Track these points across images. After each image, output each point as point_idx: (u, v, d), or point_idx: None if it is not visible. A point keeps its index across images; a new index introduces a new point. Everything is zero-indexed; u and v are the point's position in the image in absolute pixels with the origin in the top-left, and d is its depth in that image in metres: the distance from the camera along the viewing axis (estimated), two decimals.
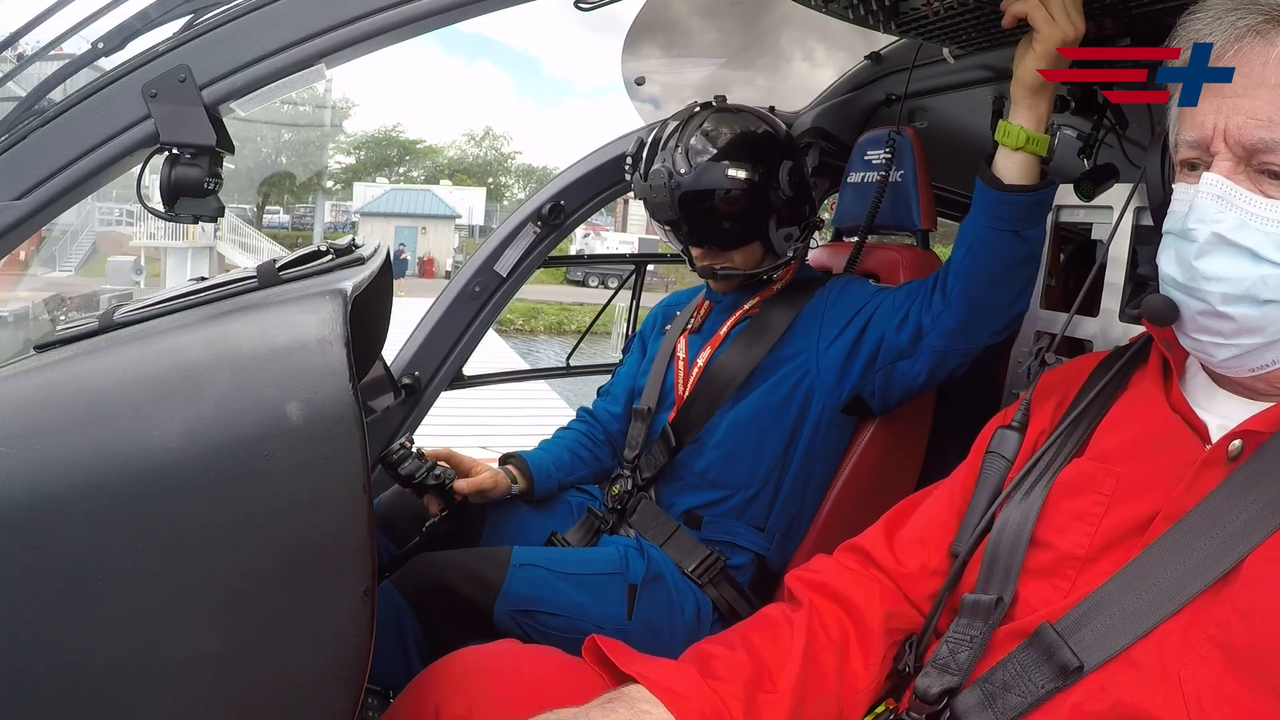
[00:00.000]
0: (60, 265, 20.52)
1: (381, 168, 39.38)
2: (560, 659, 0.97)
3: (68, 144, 0.82)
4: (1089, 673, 0.73)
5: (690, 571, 1.46)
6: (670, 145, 1.48)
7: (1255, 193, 0.72)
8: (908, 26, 1.34)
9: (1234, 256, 0.72)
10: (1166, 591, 0.72)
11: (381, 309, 1.34)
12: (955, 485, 0.99)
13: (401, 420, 1.90)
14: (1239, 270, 0.71)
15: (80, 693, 0.69)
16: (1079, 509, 0.82)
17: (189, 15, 0.85)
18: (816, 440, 1.50)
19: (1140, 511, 0.78)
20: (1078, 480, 0.83)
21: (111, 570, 0.69)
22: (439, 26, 0.89)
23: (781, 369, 1.50)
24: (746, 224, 1.50)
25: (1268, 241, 0.71)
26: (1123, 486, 0.80)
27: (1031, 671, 0.75)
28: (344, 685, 0.73)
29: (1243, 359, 0.75)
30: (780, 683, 0.83)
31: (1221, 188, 0.72)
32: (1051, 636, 0.75)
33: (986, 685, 0.78)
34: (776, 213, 1.51)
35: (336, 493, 0.71)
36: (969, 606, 0.85)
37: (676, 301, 1.83)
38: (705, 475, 1.52)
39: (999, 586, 0.83)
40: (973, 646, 0.82)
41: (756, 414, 1.49)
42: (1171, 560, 0.72)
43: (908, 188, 1.67)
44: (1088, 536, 0.80)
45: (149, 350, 0.74)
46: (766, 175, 1.48)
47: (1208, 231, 0.72)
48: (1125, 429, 0.84)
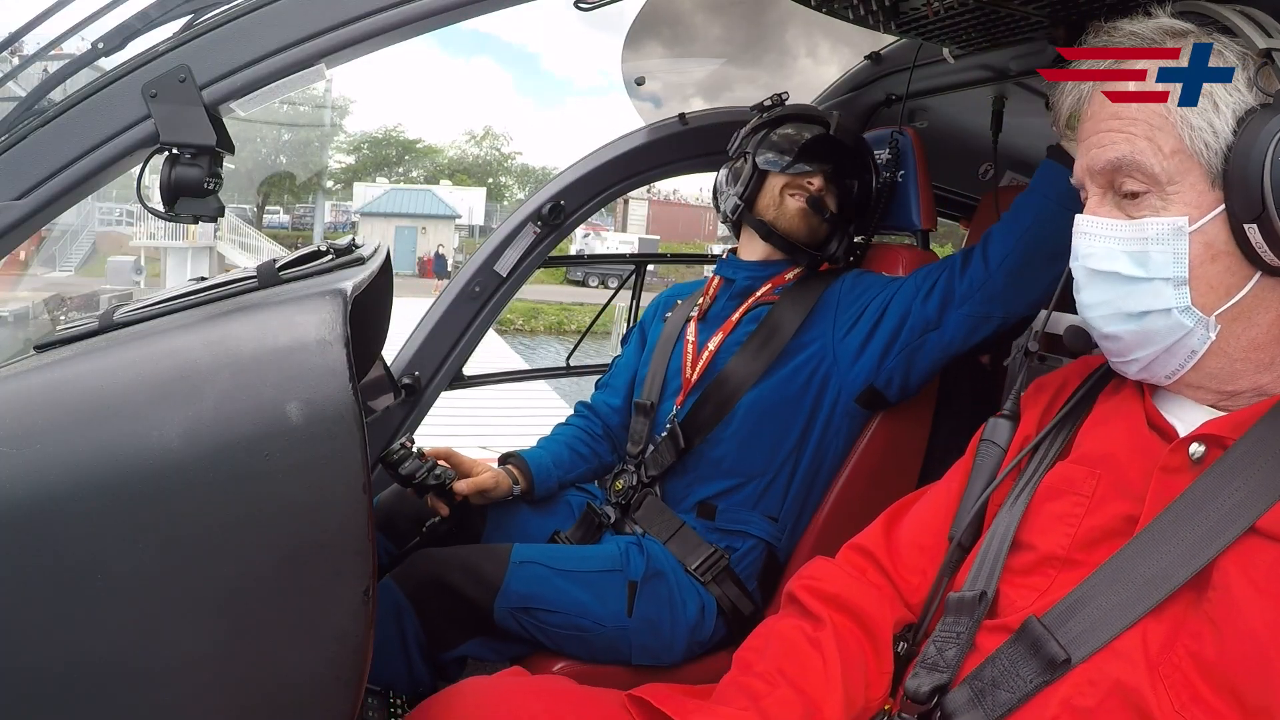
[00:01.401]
0: (60, 265, 20.50)
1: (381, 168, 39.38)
2: (571, 690, 0.95)
3: (68, 144, 0.82)
4: (1076, 665, 0.73)
5: (694, 569, 1.46)
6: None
7: (1121, 218, 0.77)
8: (908, 26, 1.34)
9: (1104, 283, 0.78)
10: (1148, 585, 0.72)
11: (381, 309, 1.34)
12: (952, 482, 1.00)
13: (401, 420, 1.90)
14: (1108, 294, 0.78)
15: (80, 693, 0.69)
16: (1061, 510, 0.83)
17: (189, 15, 0.85)
18: (830, 429, 1.52)
19: (1117, 513, 0.79)
20: (1060, 483, 0.85)
21: (111, 570, 0.68)
22: (439, 26, 0.89)
23: (797, 357, 1.52)
24: (860, 201, 1.65)
25: (1129, 260, 0.76)
26: (1102, 488, 0.82)
27: (1020, 666, 0.76)
28: (344, 685, 0.73)
29: (1152, 368, 0.79)
30: (828, 711, 0.84)
31: (1087, 224, 0.80)
32: (1038, 630, 0.76)
33: (975, 682, 0.79)
34: (855, 209, 1.65)
35: (336, 493, 0.71)
36: (954, 604, 0.86)
37: (679, 292, 1.84)
38: (720, 464, 1.52)
39: (984, 584, 0.85)
40: (959, 643, 0.82)
41: (774, 402, 1.51)
42: (1149, 556, 0.73)
43: (908, 188, 1.67)
44: (1068, 537, 0.81)
45: (149, 350, 0.74)
46: (870, 180, 1.67)
47: (1081, 267, 0.80)
48: (1105, 432, 0.86)
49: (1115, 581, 0.74)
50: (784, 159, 1.61)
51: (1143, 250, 0.75)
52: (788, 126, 1.64)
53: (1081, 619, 0.74)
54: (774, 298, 1.60)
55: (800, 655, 0.89)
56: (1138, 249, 0.75)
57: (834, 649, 0.88)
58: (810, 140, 1.61)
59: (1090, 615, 0.74)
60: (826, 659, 0.88)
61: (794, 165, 1.61)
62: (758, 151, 1.62)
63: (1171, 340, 0.76)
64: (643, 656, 1.40)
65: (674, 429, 1.54)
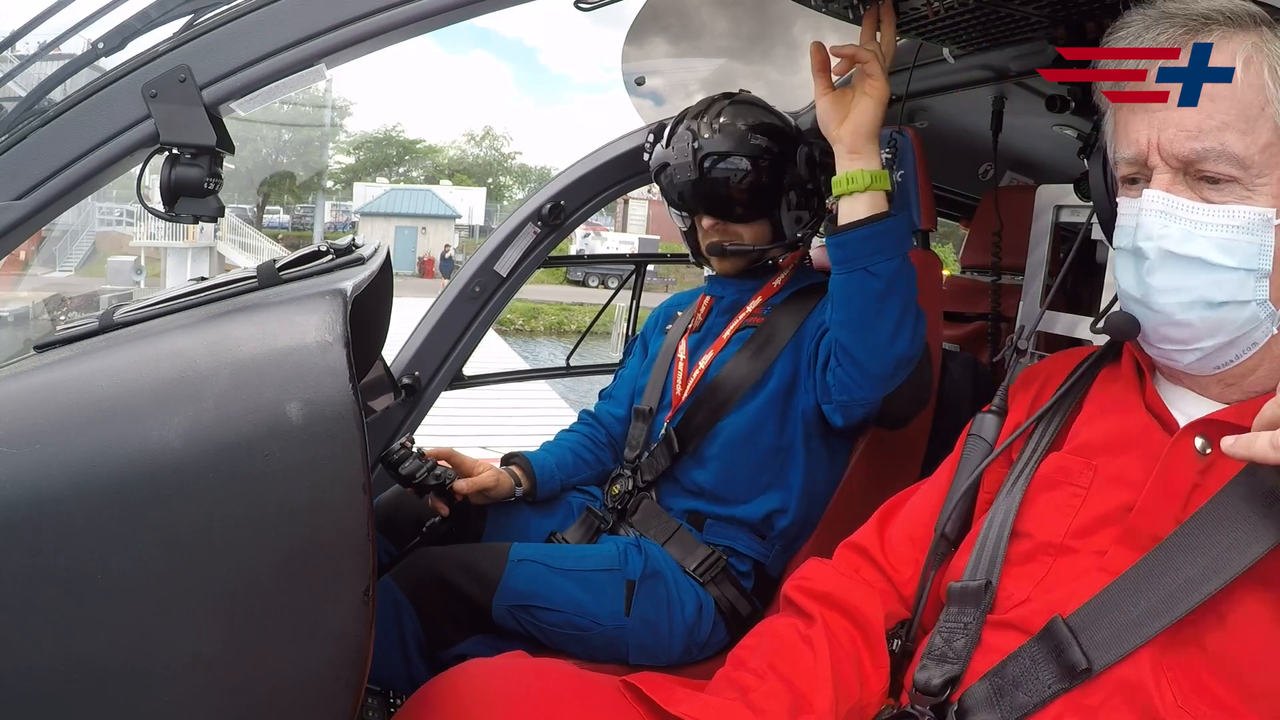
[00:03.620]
0: (60, 265, 20.52)
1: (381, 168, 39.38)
2: (569, 672, 0.96)
3: (68, 144, 0.82)
4: (1097, 674, 0.73)
5: (692, 570, 1.46)
6: (696, 116, 1.52)
7: (1197, 200, 0.73)
8: (908, 26, 1.34)
9: (1184, 267, 0.73)
10: (1173, 595, 0.71)
11: (381, 309, 1.34)
12: (941, 476, 1.01)
13: (401, 420, 1.90)
14: (1190, 280, 0.73)
15: (80, 693, 0.69)
16: (1058, 501, 0.83)
17: (189, 15, 0.85)
18: (814, 454, 1.50)
19: (1115, 503, 0.79)
20: (1056, 473, 0.85)
21: (111, 570, 0.68)
22: (439, 26, 0.89)
23: (773, 382, 1.49)
24: (761, 196, 1.51)
25: (1213, 247, 0.72)
26: (1099, 479, 0.82)
27: (1040, 668, 0.75)
28: (344, 685, 0.73)
29: (1206, 359, 0.77)
30: (817, 704, 0.85)
31: (1163, 202, 0.74)
32: (1063, 632, 0.75)
33: (996, 679, 0.78)
34: (790, 193, 1.53)
35: (336, 493, 0.70)
36: (956, 594, 0.86)
37: (678, 303, 1.83)
38: (704, 488, 1.52)
39: (986, 571, 0.85)
40: (968, 634, 0.82)
41: (750, 430, 1.49)
42: (1177, 565, 0.72)
43: (908, 188, 1.67)
44: (1064, 527, 0.81)
45: (149, 350, 0.74)
46: (784, 153, 1.51)
47: (1155, 248, 0.74)
48: (1102, 423, 0.85)
49: (1140, 590, 0.73)
50: (676, 212, 1.60)
51: (1230, 239, 0.72)
52: (663, 172, 1.56)
53: (1104, 626, 0.73)
54: (759, 320, 1.57)
55: (791, 651, 0.90)
56: (1225, 237, 0.72)
57: (824, 644, 0.89)
58: (680, 193, 1.54)
59: (1114, 622, 0.73)
60: (817, 654, 0.88)
61: (684, 217, 1.60)
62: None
63: (1240, 333, 0.74)
64: (640, 656, 1.40)
65: (669, 434, 1.54)
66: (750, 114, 1.53)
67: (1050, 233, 1.52)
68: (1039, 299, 1.51)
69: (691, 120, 1.52)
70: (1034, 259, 1.56)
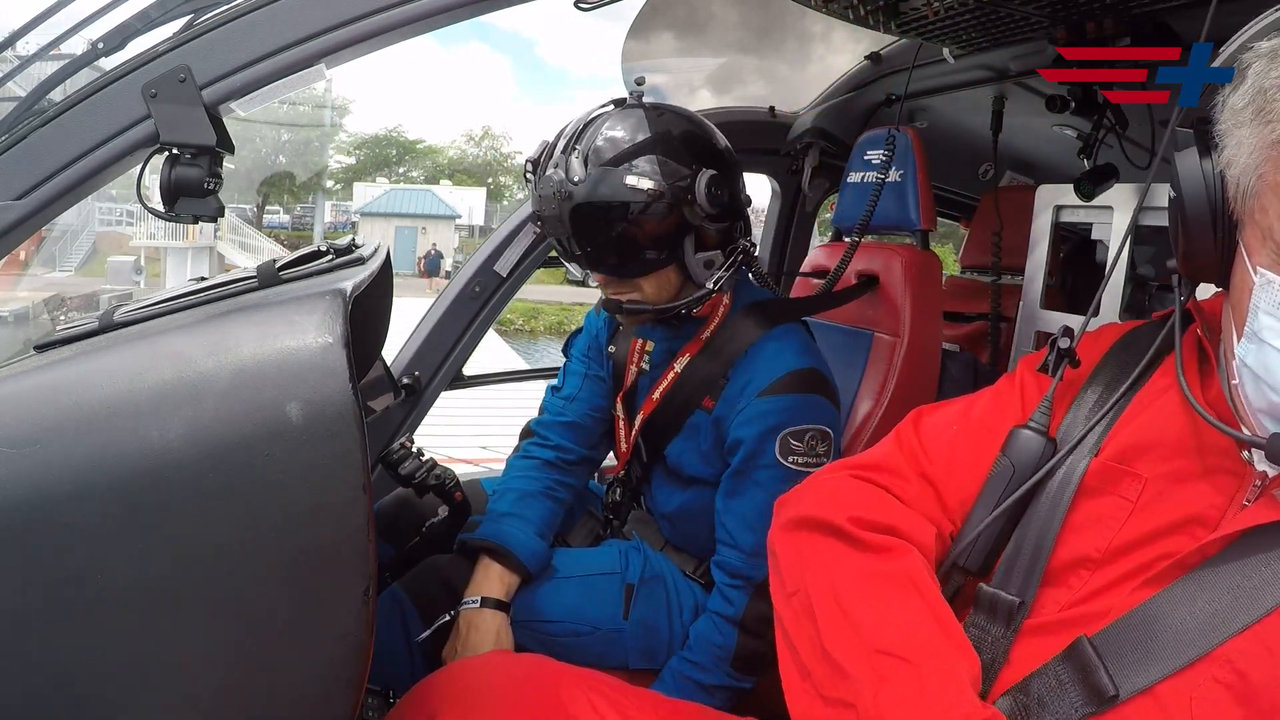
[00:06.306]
0: (60, 265, 20.52)
1: (381, 168, 39.35)
2: (551, 666, 0.98)
3: (68, 144, 0.82)
4: (1122, 702, 0.70)
5: (692, 573, 1.46)
6: (568, 148, 1.24)
7: None
8: (908, 26, 1.34)
9: None
10: (1209, 623, 0.68)
11: (381, 309, 1.34)
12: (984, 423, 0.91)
13: (401, 420, 1.90)
14: None
15: (80, 694, 0.69)
16: (1099, 511, 0.78)
17: (189, 15, 0.85)
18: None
19: (1165, 520, 0.74)
20: (1098, 481, 0.79)
21: (112, 570, 0.68)
22: (439, 26, 0.89)
23: (710, 440, 1.35)
24: (653, 246, 1.24)
25: None
26: (1148, 492, 0.76)
27: (1068, 689, 0.72)
28: (344, 686, 0.73)
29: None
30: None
31: None
32: (1089, 655, 0.72)
33: (1020, 696, 0.75)
34: (693, 233, 1.26)
35: (337, 493, 0.70)
36: (987, 602, 0.81)
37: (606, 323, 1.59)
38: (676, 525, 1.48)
39: (1020, 587, 0.79)
40: (994, 651, 0.79)
41: (698, 498, 1.40)
42: (1213, 590, 0.69)
43: (907, 187, 1.67)
44: (1105, 540, 0.76)
45: (149, 351, 0.74)
46: (678, 187, 1.22)
47: None
48: (1151, 427, 0.78)
49: (1172, 615, 0.70)
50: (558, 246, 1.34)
51: None
52: (539, 221, 1.31)
53: (1134, 652, 0.70)
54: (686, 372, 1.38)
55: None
56: None
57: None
58: (561, 244, 1.30)
59: (1144, 649, 0.70)
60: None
61: (563, 255, 1.34)
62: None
63: None
64: (640, 660, 1.39)
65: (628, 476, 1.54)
66: (633, 132, 1.23)
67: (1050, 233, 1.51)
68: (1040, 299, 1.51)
69: (562, 153, 1.24)
70: (1034, 259, 1.56)
